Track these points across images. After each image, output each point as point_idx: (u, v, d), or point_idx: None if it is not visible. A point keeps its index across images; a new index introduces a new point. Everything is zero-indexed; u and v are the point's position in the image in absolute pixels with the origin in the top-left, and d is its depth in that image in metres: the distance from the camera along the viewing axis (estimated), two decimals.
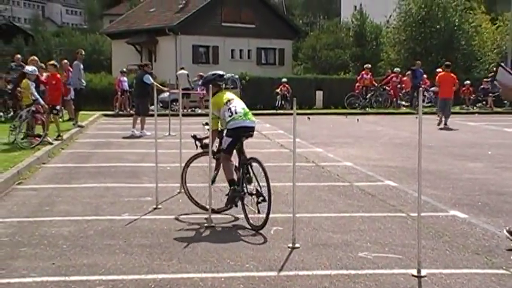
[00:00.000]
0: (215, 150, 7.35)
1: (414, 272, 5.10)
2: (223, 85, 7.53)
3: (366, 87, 28.07)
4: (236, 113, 7.09)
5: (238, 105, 7.20)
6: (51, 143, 13.34)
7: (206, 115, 7.05)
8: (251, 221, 6.73)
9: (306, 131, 17.29)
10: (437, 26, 33.14)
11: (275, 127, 18.97)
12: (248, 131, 7.25)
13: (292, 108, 6.05)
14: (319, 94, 29.88)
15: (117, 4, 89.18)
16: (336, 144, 14.79)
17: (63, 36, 60.76)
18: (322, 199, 8.23)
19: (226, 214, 7.27)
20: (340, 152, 13.17)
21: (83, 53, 19.65)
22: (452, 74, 20.73)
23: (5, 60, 32.06)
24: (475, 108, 28.36)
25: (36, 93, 13.61)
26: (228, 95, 7.37)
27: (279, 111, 26.87)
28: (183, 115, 10.35)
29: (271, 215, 6.73)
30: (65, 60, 21.24)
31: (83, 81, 18.64)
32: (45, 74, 17.77)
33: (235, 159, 7.25)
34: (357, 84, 28.20)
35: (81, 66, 18.50)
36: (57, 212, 7.43)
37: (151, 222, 6.92)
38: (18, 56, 20.55)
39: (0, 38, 46.69)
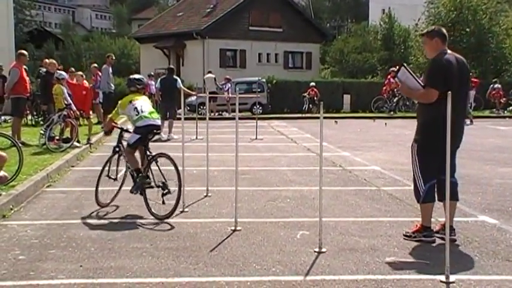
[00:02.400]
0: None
1: (443, 278, 5.03)
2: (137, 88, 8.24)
3: (393, 91, 27.88)
4: (142, 111, 7.79)
5: (143, 104, 7.90)
6: (78, 146, 13.50)
7: (233, 119, 7.05)
8: (153, 211, 7.35)
9: (333, 135, 17.23)
10: (467, 29, 32.81)
11: (302, 131, 18.93)
12: (154, 129, 7.95)
13: (319, 112, 6.03)
14: (346, 98, 29.77)
15: (145, 8, 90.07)
16: (363, 148, 14.70)
17: (93, 41, 61.53)
18: (349, 203, 8.18)
19: (252, 218, 7.27)
20: (368, 156, 13.08)
21: (114, 57, 19.84)
22: None
23: (36, 64, 32.57)
24: (505, 112, 27.96)
25: (69, 98, 13.81)
26: (134, 96, 8.02)
27: (306, 115, 26.83)
28: (210, 119, 10.38)
29: (298, 219, 6.74)
30: (95, 64, 21.51)
31: (112, 85, 18.83)
32: (75, 79, 18.04)
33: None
34: (384, 87, 28.03)
35: (110, 70, 18.69)
36: (85, 215, 7.50)
37: (178, 225, 6.95)
38: (46, 60, 20.82)
39: (31, 43, 47.47)
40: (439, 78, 6.05)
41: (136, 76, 8.57)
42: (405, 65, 6.49)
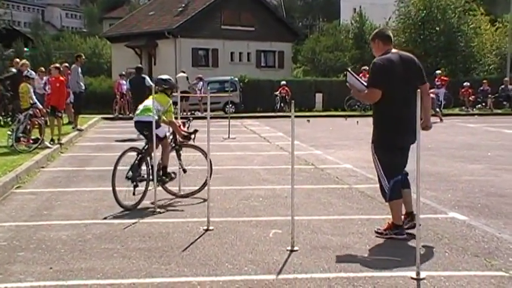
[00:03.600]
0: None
1: (413, 274, 5.07)
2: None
3: None
4: (137, 110, 8.51)
5: (144, 103, 8.51)
6: (49, 147, 13.32)
7: (206, 118, 7.02)
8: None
9: (305, 134, 17.29)
10: (437, 28, 33.22)
11: (275, 130, 18.95)
12: (136, 125, 8.58)
13: (291, 111, 6.03)
14: (318, 96, 29.91)
15: (116, 8, 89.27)
16: (335, 146, 14.77)
17: (63, 40, 60.81)
18: (321, 202, 8.21)
19: (225, 217, 7.25)
20: (340, 154, 13.15)
21: (83, 57, 19.63)
22: None
23: (5, 64, 32.07)
24: (474, 109, 28.36)
25: (34, 97, 13.63)
26: (156, 96, 8.29)
27: (278, 114, 26.88)
28: (182, 118, 10.32)
29: (271, 218, 6.78)
30: (65, 64, 21.25)
31: (82, 84, 18.62)
32: (45, 78, 17.79)
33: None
34: None
35: (79, 69, 18.48)
36: (55, 216, 7.40)
37: (149, 225, 6.89)
38: (18, 60, 20.52)
39: (0, 42, 46.70)
40: (379, 77, 6.25)
41: (164, 77, 8.74)
42: (349, 69, 6.87)
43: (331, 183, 9.67)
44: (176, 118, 8.94)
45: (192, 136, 8.60)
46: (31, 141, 13.21)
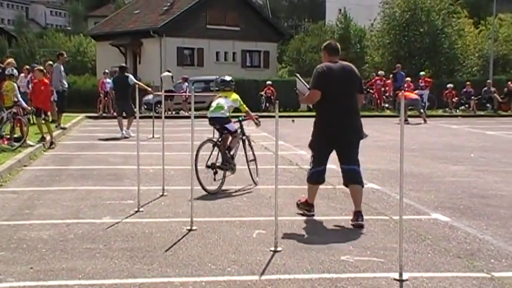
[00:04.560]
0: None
1: (396, 275, 5.07)
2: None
3: None
4: (211, 107, 9.34)
5: (217, 101, 9.30)
6: (32, 145, 13.20)
7: (189, 117, 7.00)
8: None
9: (290, 134, 17.28)
10: (421, 30, 33.37)
11: (259, 129, 18.85)
12: (211, 120, 9.33)
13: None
14: None
15: (101, 6, 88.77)
16: None
17: (47, 38, 60.32)
18: None
19: (208, 218, 7.22)
20: None
21: (65, 55, 19.47)
22: None
23: None
24: (457, 111, 28.54)
25: (19, 96, 13.50)
26: (221, 93, 9.44)
27: (263, 114, 26.82)
28: (167, 117, 10.28)
29: (254, 218, 6.83)
30: (49, 62, 21.06)
31: (65, 82, 18.46)
32: (29, 76, 17.63)
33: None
34: None
35: (62, 68, 18.31)
36: (37, 216, 7.32)
37: (132, 225, 6.84)
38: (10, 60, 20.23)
39: None
40: (318, 81, 7.10)
41: (227, 78, 9.71)
42: (297, 74, 7.75)
43: None
44: (160, 117, 8.94)
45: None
46: (12, 140, 13.08)
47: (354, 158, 7.28)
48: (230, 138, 9.35)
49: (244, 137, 9.69)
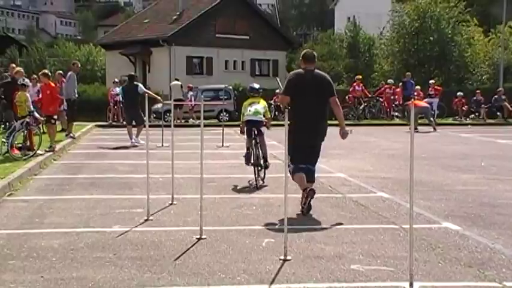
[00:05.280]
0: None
1: (406, 285, 5.05)
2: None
3: (358, 98, 28.12)
4: (249, 111, 10.50)
5: (254, 106, 10.54)
6: (41, 154, 13.27)
7: (198, 126, 7.03)
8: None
9: None
10: (431, 38, 33.29)
11: (269, 138, 18.80)
12: (252, 123, 10.49)
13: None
14: None
15: (111, 15, 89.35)
16: (329, 155, 14.68)
17: (57, 47, 60.73)
18: (314, 211, 8.17)
19: (217, 226, 7.22)
20: (333, 163, 13.13)
21: (79, 64, 19.63)
22: None
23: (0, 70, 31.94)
24: (467, 119, 28.42)
25: (31, 106, 13.60)
26: (253, 100, 10.77)
27: (272, 122, 26.82)
28: (176, 126, 10.31)
29: (264, 227, 6.81)
30: (60, 71, 21.21)
31: (76, 91, 18.57)
32: (38, 85, 17.74)
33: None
34: (350, 95, 28.24)
35: (75, 77, 18.43)
36: (47, 224, 7.35)
37: (142, 234, 6.85)
38: (13, 65, 20.38)
39: None
40: (287, 86, 8.03)
41: (256, 86, 10.98)
42: (277, 78, 9.03)
43: (325, 192, 9.65)
44: (169, 126, 9.03)
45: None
46: (25, 149, 13.17)
47: (314, 158, 8.18)
48: (263, 140, 10.70)
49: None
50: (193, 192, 9.29)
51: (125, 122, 19.95)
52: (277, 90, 8.16)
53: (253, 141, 10.46)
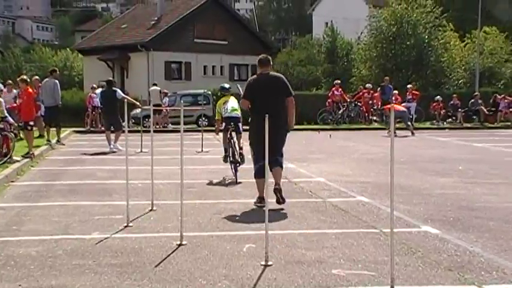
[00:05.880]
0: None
1: None
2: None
3: (337, 103, 28.26)
4: (227, 109, 11.66)
5: (230, 104, 11.77)
6: (18, 161, 13.12)
7: (177, 131, 7.00)
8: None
9: None
10: (408, 43, 33.62)
11: (247, 143, 18.88)
12: (231, 120, 11.59)
13: None
14: None
15: (88, 20, 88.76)
16: (308, 160, 14.79)
17: (34, 53, 60.18)
18: (295, 215, 8.18)
19: (198, 232, 7.19)
20: (313, 168, 13.17)
21: (58, 71, 19.68)
22: None
23: None
24: (445, 123, 28.71)
25: (5, 111, 13.44)
26: (226, 98, 11.97)
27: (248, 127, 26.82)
28: (155, 131, 10.25)
29: (245, 232, 6.84)
30: (36, 77, 21.04)
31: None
32: (15, 91, 17.57)
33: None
34: (329, 100, 28.37)
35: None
36: (25, 232, 7.25)
37: (122, 240, 6.79)
38: None
39: None
40: (246, 91, 8.82)
41: (225, 85, 12.41)
42: (238, 85, 10.31)
43: (305, 197, 9.67)
44: (148, 132, 8.99)
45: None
46: (1, 155, 13.00)
47: (277, 151, 8.71)
48: (240, 136, 11.60)
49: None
50: (173, 197, 9.24)
51: (103, 128, 19.82)
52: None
53: (230, 138, 11.51)
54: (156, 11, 42.20)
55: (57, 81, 18.39)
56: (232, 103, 11.78)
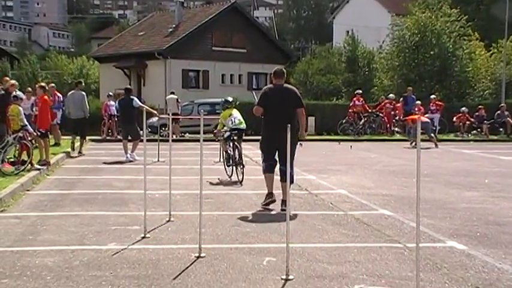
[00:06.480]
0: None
1: None
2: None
3: (358, 114, 28.17)
4: (234, 121, 13.07)
5: (236, 116, 13.24)
6: (38, 169, 13.24)
7: (195, 141, 7.01)
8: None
9: (298, 158, 17.13)
10: (431, 52, 33.44)
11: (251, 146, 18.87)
12: (237, 131, 13.11)
13: None
14: (311, 120, 29.83)
15: (105, 28, 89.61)
16: (329, 171, 14.75)
17: (49, 60, 60.79)
18: (316, 228, 8.15)
19: (216, 244, 7.18)
20: (334, 180, 13.13)
21: (83, 83, 20.25)
22: None
23: None
24: (470, 135, 28.46)
25: (25, 120, 13.58)
26: (231, 111, 13.40)
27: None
28: (173, 141, 10.28)
29: (264, 245, 6.91)
30: (52, 84, 21.27)
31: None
32: (32, 98, 17.74)
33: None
34: (350, 110, 28.31)
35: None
36: (41, 242, 7.30)
37: (139, 252, 6.80)
38: (7, 78, 20.46)
39: None
40: (259, 99, 9.63)
41: (229, 99, 13.70)
42: (253, 92, 11.24)
43: (326, 210, 9.63)
44: (165, 141, 9.07)
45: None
46: (19, 164, 13.12)
47: (285, 161, 8.97)
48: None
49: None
50: (191, 208, 9.26)
51: (119, 137, 19.94)
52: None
53: (233, 145, 12.82)
54: (173, 18, 42.51)
55: (84, 93, 18.97)
56: (239, 116, 13.22)
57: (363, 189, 11.76)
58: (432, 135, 23.45)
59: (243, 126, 13.20)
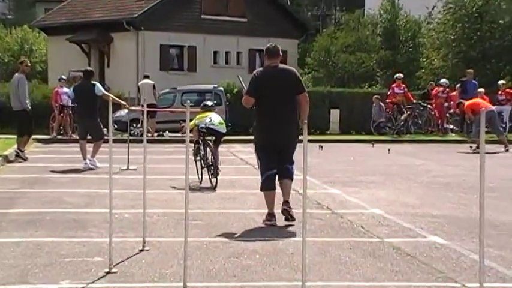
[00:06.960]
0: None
1: None
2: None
3: (399, 106, 28.19)
4: (213, 122, 13.97)
5: (213, 117, 14.12)
6: None
7: (177, 141, 7.04)
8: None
9: (317, 165, 17.29)
10: (500, 22, 33.41)
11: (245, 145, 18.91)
12: (213, 132, 14.06)
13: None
14: (334, 114, 29.97)
15: None
16: (359, 183, 14.78)
17: None
18: (341, 261, 8.17)
19: (207, 282, 7.21)
20: (365, 195, 13.15)
21: (29, 63, 19.92)
22: None
23: None
24: None
25: None
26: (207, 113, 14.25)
27: None
28: (148, 141, 10.31)
29: (272, 283, 7.01)
30: None
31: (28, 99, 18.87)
32: None
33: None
34: (387, 101, 28.33)
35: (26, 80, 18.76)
36: None
37: None
38: None
39: None
40: (251, 86, 9.85)
41: (208, 103, 15.03)
42: (239, 76, 11.98)
43: (355, 236, 9.65)
44: (137, 141, 9.09)
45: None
46: None
47: (287, 159, 9.94)
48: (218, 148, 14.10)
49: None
50: (173, 233, 9.29)
51: (75, 136, 19.98)
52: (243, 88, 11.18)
53: (206, 146, 14.00)
54: None
55: (22, 75, 18.72)
56: (219, 117, 14.41)
57: (406, 208, 11.78)
58: (502, 132, 23.40)
59: (223, 129, 14.20)
